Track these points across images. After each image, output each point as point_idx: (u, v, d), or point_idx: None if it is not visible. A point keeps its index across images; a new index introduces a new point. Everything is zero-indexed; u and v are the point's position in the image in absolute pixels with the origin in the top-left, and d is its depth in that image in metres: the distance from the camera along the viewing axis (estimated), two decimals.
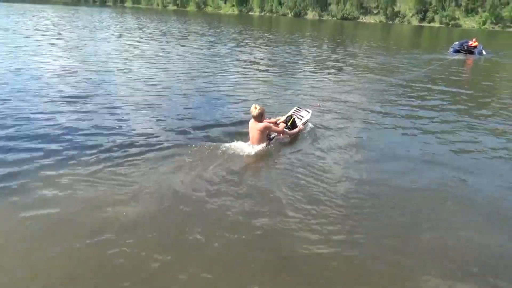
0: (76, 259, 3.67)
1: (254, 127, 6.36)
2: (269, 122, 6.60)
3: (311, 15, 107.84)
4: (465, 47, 24.27)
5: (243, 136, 6.82)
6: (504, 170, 6.22)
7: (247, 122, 6.68)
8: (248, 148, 6.26)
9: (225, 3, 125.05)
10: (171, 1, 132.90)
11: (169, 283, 3.41)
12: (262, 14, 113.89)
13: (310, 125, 7.59)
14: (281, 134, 6.74)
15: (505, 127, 8.63)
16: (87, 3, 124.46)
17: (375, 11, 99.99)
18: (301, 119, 7.28)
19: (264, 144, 6.36)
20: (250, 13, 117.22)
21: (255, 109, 6.33)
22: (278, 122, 6.86)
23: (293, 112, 7.57)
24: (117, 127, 7.20)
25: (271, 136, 6.61)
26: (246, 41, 27.17)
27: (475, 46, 24.19)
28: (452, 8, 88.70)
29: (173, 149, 6.25)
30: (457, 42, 25.49)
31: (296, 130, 6.91)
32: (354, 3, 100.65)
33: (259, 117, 6.32)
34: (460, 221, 4.69)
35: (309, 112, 7.69)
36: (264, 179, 5.50)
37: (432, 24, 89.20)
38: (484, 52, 24.35)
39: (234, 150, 6.19)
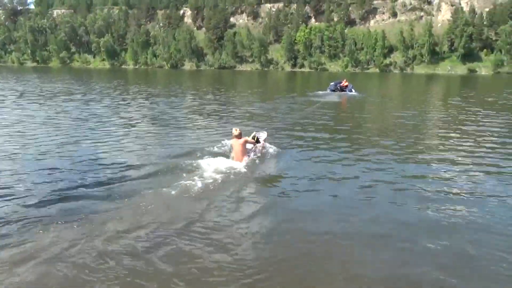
0: None
1: (237, 143, 8.80)
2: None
3: (188, 66, 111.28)
4: (339, 87, 29.15)
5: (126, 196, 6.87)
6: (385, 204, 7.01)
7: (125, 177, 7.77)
8: (233, 164, 8.53)
9: (94, 57, 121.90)
10: (29, 57, 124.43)
11: None
12: (137, 67, 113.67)
13: (268, 146, 10.36)
14: (254, 145, 9.70)
15: (378, 158, 9.97)
16: None
17: (250, 60, 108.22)
18: (261, 137, 10.33)
19: (245, 158, 8.75)
20: (123, 66, 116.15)
21: (236, 131, 8.88)
22: (249, 139, 9.41)
23: (255, 133, 10.40)
24: None
25: (248, 148, 9.18)
26: (123, 96, 26.74)
27: (346, 86, 29.40)
28: (317, 55, 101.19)
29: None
30: (332, 83, 30.32)
31: (261, 143, 10.02)
32: (230, 53, 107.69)
33: (240, 136, 8.87)
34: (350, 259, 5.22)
35: (265, 132, 10.93)
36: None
37: (303, 69, 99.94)
38: (353, 90, 29.15)
39: (217, 166, 8.27)
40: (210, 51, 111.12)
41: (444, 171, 8.78)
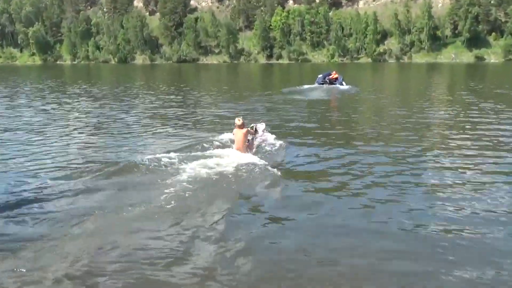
0: None
1: (240, 132, 10.40)
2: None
3: (140, 59, 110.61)
4: (328, 80, 30.95)
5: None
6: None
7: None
8: (234, 152, 10.17)
9: (21, 51, 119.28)
10: None
11: None
12: (76, 62, 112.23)
13: (269, 136, 12.48)
14: (254, 136, 11.66)
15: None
16: None
17: (216, 51, 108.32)
18: (259, 128, 12.42)
19: (246, 147, 10.44)
20: (58, 62, 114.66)
21: (239, 121, 10.41)
22: (251, 130, 11.30)
23: (254, 124, 12.35)
24: None
25: (249, 138, 10.94)
26: (61, 99, 26.26)
27: (336, 78, 31.09)
28: (298, 43, 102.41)
29: None
30: (320, 75, 32.12)
31: (260, 134, 12.25)
32: (191, 43, 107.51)
33: (242, 125, 10.44)
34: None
35: (263, 123, 13.08)
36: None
37: (281, 61, 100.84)
38: (344, 84, 30.52)
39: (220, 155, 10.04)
40: (166, 41, 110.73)
41: (455, 183, 8.81)
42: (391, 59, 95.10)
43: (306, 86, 30.00)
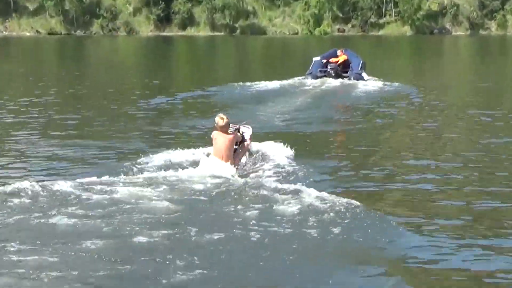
0: None
1: (223, 139, 12.81)
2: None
3: None
4: (331, 69, 29.73)
5: None
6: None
7: None
8: (215, 163, 12.76)
9: None
10: None
11: None
12: None
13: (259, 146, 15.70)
14: (239, 145, 14.53)
15: None
16: None
17: (32, 8, 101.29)
18: (246, 133, 15.57)
19: (232, 162, 13.24)
20: None
21: (221, 120, 12.80)
22: (239, 134, 14.41)
23: (236, 127, 14.92)
24: None
25: (235, 147, 14.24)
26: None
27: (347, 63, 29.94)
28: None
29: None
30: (317, 58, 31.29)
31: (247, 142, 15.22)
32: None
33: (227, 127, 12.98)
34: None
35: (249, 127, 16.03)
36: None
37: (194, 32, 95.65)
38: (365, 77, 28.88)
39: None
40: None
41: None
42: (456, 28, 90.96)
43: (263, 85, 28.62)
